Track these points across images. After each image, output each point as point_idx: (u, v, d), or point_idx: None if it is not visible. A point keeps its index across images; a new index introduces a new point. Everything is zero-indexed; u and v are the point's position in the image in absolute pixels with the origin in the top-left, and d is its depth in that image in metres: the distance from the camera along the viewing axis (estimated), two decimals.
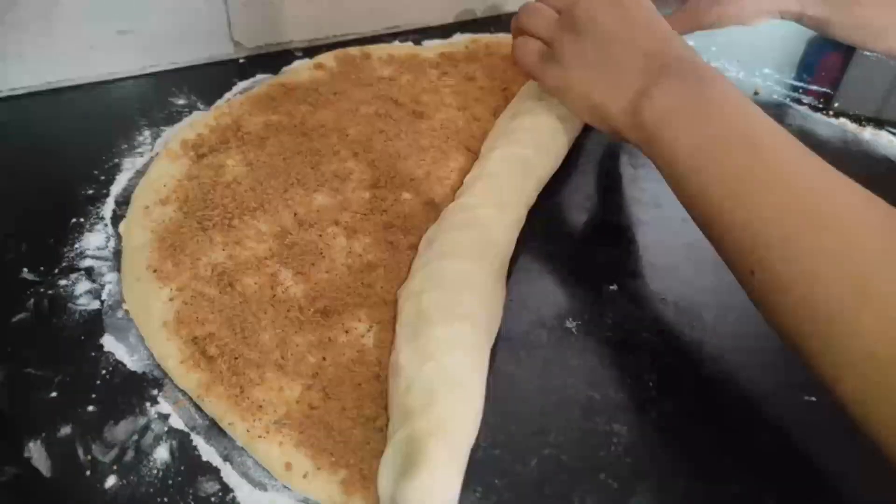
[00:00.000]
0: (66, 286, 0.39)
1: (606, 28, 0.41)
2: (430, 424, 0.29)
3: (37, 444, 0.31)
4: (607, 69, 0.41)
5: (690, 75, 0.38)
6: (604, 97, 0.41)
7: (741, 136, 0.34)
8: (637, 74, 0.39)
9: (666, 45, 0.40)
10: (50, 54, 0.54)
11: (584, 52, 0.42)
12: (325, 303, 0.38)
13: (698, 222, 0.36)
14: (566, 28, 0.43)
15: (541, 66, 0.45)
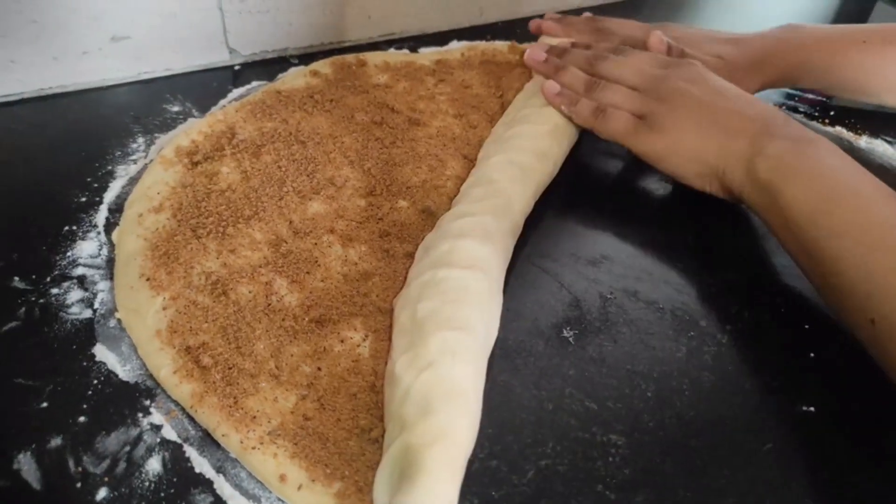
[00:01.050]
0: (58, 295, 0.39)
1: (703, 98, 0.46)
2: (427, 435, 0.29)
3: (26, 455, 0.31)
4: (714, 134, 0.44)
5: (797, 135, 0.42)
6: (717, 160, 0.44)
7: (852, 190, 0.38)
8: (746, 137, 0.43)
9: (762, 110, 0.45)
10: (43, 61, 0.53)
11: (684, 120, 0.45)
12: (319, 312, 0.38)
13: (813, 273, 0.40)
14: (657, 99, 0.47)
15: (634, 134, 0.47)
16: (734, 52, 0.55)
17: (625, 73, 0.50)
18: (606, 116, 0.48)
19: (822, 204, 0.38)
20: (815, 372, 0.39)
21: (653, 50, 0.52)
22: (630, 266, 0.44)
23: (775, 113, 0.45)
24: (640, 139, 0.47)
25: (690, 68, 0.49)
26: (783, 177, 0.40)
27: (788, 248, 0.41)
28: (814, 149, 0.41)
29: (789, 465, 0.34)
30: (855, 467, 0.34)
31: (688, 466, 0.33)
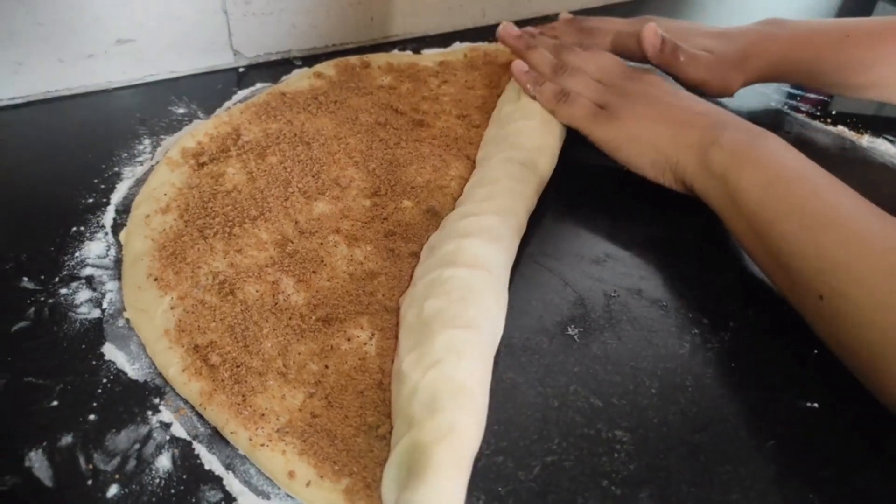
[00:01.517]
0: (67, 295, 0.39)
1: (661, 97, 0.48)
2: (435, 432, 0.29)
3: (38, 453, 0.31)
4: (669, 126, 0.46)
5: (749, 128, 0.44)
6: (671, 150, 0.46)
7: (801, 175, 0.40)
8: (700, 131, 0.45)
9: (716, 109, 0.47)
10: (49, 63, 0.54)
11: (641, 112, 0.48)
12: (326, 311, 0.38)
13: (763, 255, 0.41)
14: (617, 94, 0.50)
15: (593, 121, 0.49)
16: (721, 46, 0.55)
17: (586, 65, 0.52)
18: (569, 101, 0.50)
19: (772, 188, 0.40)
20: (818, 368, 0.39)
21: (647, 42, 0.53)
22: (633, 264, 0.45)
23: (726, 112, 0.47)
24: (598, 126, 0.48)
25: (650, 74, 0.51)
26: (736, 164, 0.42)
27: (738, 234, 0.43)
28: (765, 140, 0.43)
29: (792, 461, 0.34)
30: (858, 463, 0.34)
31: (692, 462, 0.33)
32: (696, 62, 0.53)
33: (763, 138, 0.43)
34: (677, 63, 0.53)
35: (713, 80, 0.54)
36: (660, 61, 0.53)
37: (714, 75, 0.54)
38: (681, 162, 0.45)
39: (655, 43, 0.53)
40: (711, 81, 0.54)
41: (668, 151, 0.46)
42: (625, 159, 0.48)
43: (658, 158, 0.46)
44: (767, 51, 0.56)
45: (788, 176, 0.40)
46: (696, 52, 0.53)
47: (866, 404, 0.36)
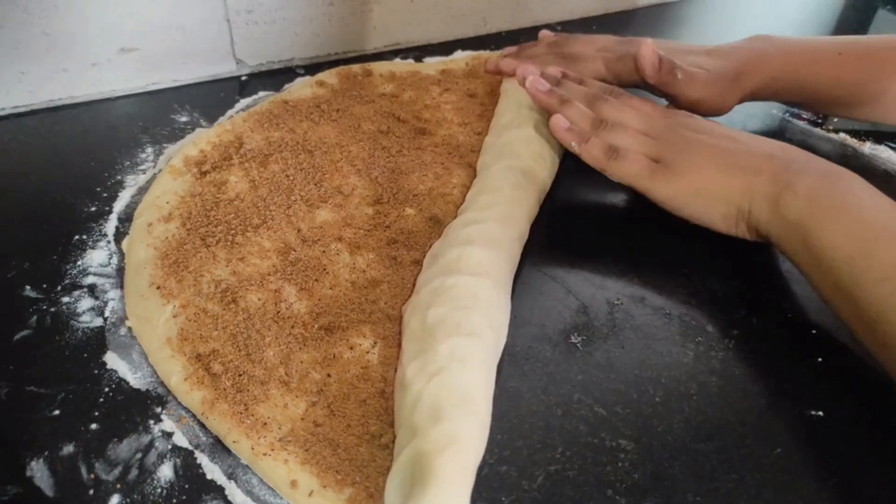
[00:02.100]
0: (69, 303, 0.39)
1: (717, 142, 0.45)
2: (438, 441, 0.29)
3: (39, 462, 0.31)
4: (735, 173, 0.43)
5: (823, 170, 0.41)
6: (742, 199, 0.42)
7: (891, 230, 0.37)
8: (770, 175, 0.41)
9: (780, 146, 0.44)
10: (52, 72, 0.54)
11: (702, 161, 0.44)
12: (328, 319, 0.38)
13: (855, 322, 0.37)
14: (669, 144, 0.45)
15: (652, 177, 0.44)
16: (715, 64, 0.53)
17: (626, 116, 0.48)
18: (620, 157, 0.45)
19: (860, 245, 0.36)
20: (823, 376, 0.39)
21: (646, 61, 0.50)
22: (636, 272, 0.45)
23: (794, 148, 0.44)
24: (658, 183, 0.44)
25: (696, 119, 0.48)
26: (814, 215, 0.38)
27: (824, 294, 0.39)
28: (844, 183, 0.39)
29: (797, 469, 0.34)
30: (863, 471, 0.34)
31: (696, 471, 0.33)
32: (693, 80, 0.51)
33: (842, 180, 0.40)
34: (675, 82, 0.51)
35: (709, 97, 0.52)
36: (658, 81, 0.51)
37: (710, 93, 0.52)
38: (754, 212, 0.42)
39: (654, 62, 0.50)
40: (708, 99, 0.52)
41: (738, 202, 0.42)
42: (692, 215, 0.44)
43: (729, 210, 0.43)
44: (761, 68, 0.54)
45: (881, 230, 0.37)
46: (693, 70, 0.51)
47: (871, 412, 0.36)
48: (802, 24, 0.88)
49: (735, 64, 0.53)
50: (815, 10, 0.93)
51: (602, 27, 0.79)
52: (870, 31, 0.87)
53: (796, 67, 0.54)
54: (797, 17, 0.90)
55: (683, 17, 0.86)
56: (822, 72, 0.54)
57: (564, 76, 0.52)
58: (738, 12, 0.89)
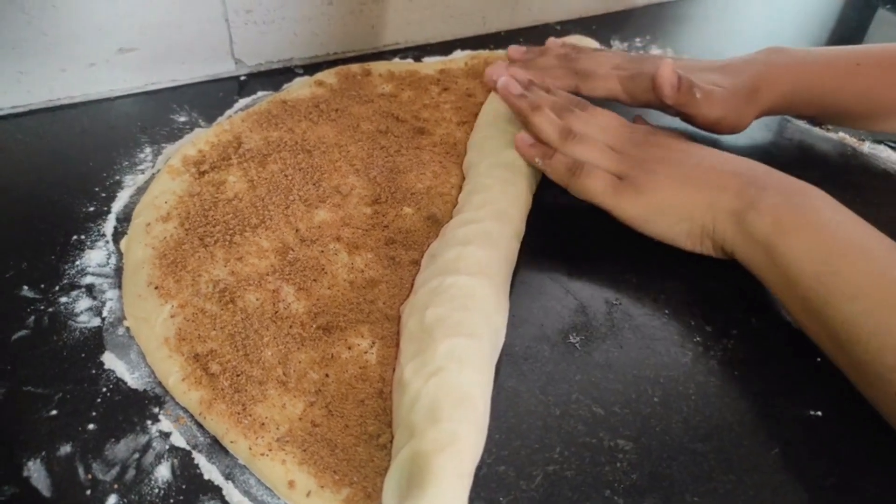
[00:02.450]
0: (67, 303, 0.39)
1: (683, 159, 0.44)
2: (436, 442, 0.29)
3: (36, 462, 0.31)
4: (699, 190, 0.42)
5: (787, 186, 0.41)
6: (706, 216, 0.42)
7: (858, 246, 0.36)
8: (734, 193, 0.41)
9: (744, 165, 0.43)
10: (51, 72, 0.54)
11: (665, 179, 0.43)
12: (327, 319, 0.38)
13: (825, 340, 0.37)
14: (635, 160, 0.45)
15: (615, 194, 0.43)
16: (730, 80, 0.51)
17: (592, 129, 0.47)
18: (583, 173, 0.44)
19: (827, 262, 0.36)
20: (822, 376, 0.39)
21: (665, 80, 0.48)
22: (635, 272, 0.45)
23: (759, 165, 0.43)
24: (621, 200, 0.43)
25: (664, 135, 0.47)
26: (779, 232, 0.38)
27: (793, 311, 0.39)
28: (809, 200, 0.39)
29: (796, 469, 0.34)
30: (862, 471, 0.34)
31: (695, 471, 0.33)
32: (712, 98, 0.49)
33: (807, 197, 0.39)
34: (693, 101, 0.49)
35: (727, 115, 0.50)
36: (676, 101, 0.49)
37: (728, 111, 0.50)
38: (718, 229, 0.41)
39: (674, 83, 0.49)
40: (726, 118, 0.50)
41: (703, 219, 0.42)
42: (656, 233, 0.43)
43: (693, 228, 0.42)
44: (777, 81, 0.52)
45: (847, 248, 0.36)
46: (710, 88, 0.50)
47: (870, 412, 0.36)
48: (802, 24, 0.88)
49: (750, 80, 0.51)
50: (815, 10, 0.93)
51: (601, 26, 0.79)
52: (869, 31, 0.86)
53: (813, 80, 0.53)
54: (796, 17, 0.90)
55: (683, 16, 0.86)
56: (840, 84, 0.53)
57: (531, 83, 0.52)
58: (737, 12, 0.89)
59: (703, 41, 0.79)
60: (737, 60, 0.54)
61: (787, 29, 0.86)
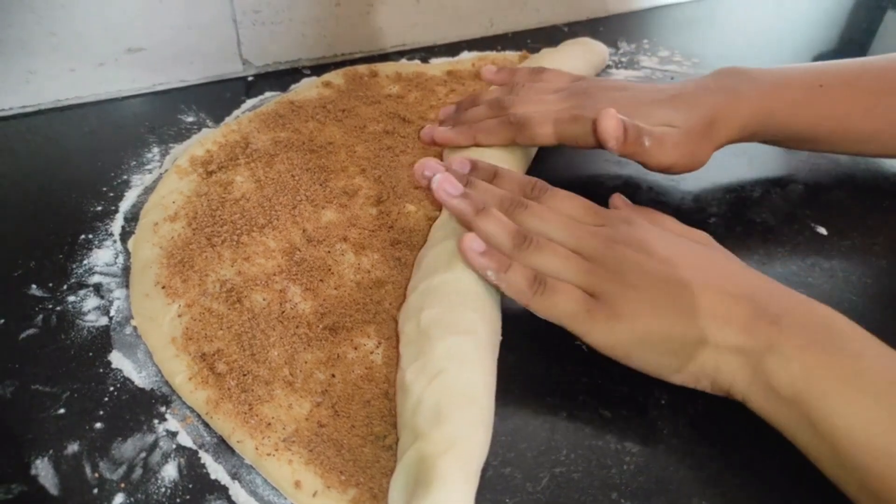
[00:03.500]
0: (75, 302, 0.39)
1: (663, 271, 0.35)
2: (441, 443, 0.29)
3: (44, 461, 0.31)
4: (696, 320, 0.34)
5: (808, 317, 0.33)
6: (703, 354, 0.34)
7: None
8: (740, 326, 0.33)
9: (751, 281, 0.36)
10: (59, 72, 0.54)
11: (646, 302, 0.34)
12: (333, 319, 0.38)
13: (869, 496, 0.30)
14: (605, 271, 0.36)
15: (588, 319, 0.35)
16: (683, 116, 0.45)
17: (552, 227, 0.39)
18: (549, 290, 0.36)
19: (875, 425, 0.29)
20: None
21: (608, 134, 0.42)
22: None
23: (763, 278, 0.36)
24: (595, 326, 0.35)
25: (631, 228, 0.38)
26: (815, 387, 0.31)
27: (838, 482, 0.31)
28: (838, 335, 0.32)
29: (804, 472, 0.34)
30: None
31: (702, 474, 0.33)
32: (662, 144, 0.44)
33: (833, 331, 0.32)
34: (642, 150, 0.44)
35: (681, 159, 0.45)
36: (623, 152, 0.44)
37: (682, 153, 0.44)
38: (723, 370, 0.33)
39: (619, 135, 0.42)
40: (679, 161, 0.45)
41: (699, 357, 0.34)
42: (641, 367, 0.35)
43: (687, 366, 0.34)
44: (736, 112, 0.46)
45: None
46: (660, 133, 0.44)
47: None
48: (810, 26, 0.88)
49: (704, 112, 0.45)
50: (824, 12, 0.93)
51: (608, 28, 0.79)
52: (879, 33, 0.86)
53: (773, 106, 0.47)
54: (805, 19, 0.90)
55: (690, 18, 0.86)
56: (803, 109, 0.47)
57: (474, 168, 0.43)
58: (745, 14, 0.89)
59: (709, 43, 0.79)
60: (689, 89, 0.48)
61: (796, 31, 0.85)
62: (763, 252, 0.47)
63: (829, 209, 0.51)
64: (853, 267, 0.45)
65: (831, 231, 0.49)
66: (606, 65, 0.69)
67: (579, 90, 0.49)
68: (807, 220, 0.50)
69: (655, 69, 0.70)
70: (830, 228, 0.49)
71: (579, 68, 0.60)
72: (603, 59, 0.67)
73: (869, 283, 0.44)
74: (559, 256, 0.37)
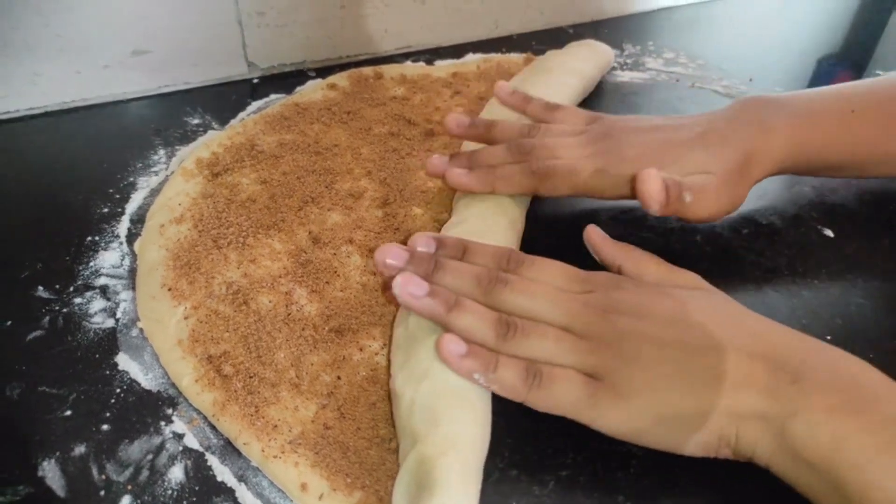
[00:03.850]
0: (81, 304, 0.39)
1: (666, 337, 0.32)
2: (439, 445, 0.29)
3: (51, 462, 0.31)
4: (712, 389, 0.31)
5: (835, 375, 0.30)
6: (723, 425, 0.30)
7: None
8: (760, 388, 0.30)
9: (764, 334, 0.32)
10: (66, 74, 0.55)
11: (656, 379, 0.31)
12: (339, 321, 0.38)
13: None
14: (603, 346, 0.32)
15: (593, 405, 0.31)
16: (718, 160, 0.42)
17: (538, 304, 0.34)
18: (545, 381, 0.32)
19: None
20: None
21: (651, 197, 0.39)
22: None
23: (779, 331, 0.33)
24: (602, 411, 0.31)
25: (621, 292, 0.35)
26: (847, 457, 0.27)
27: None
28: (873, 398, 0.29)
29: None
30: None
31: (708, 477, 0.33)
32: (703, 195, 0.41)
33: (863, 390, 0.29)
34: (683, 207, 0.41)
35: (723, 207, 0.42)
36: (663, 212, 0.40)
37: (724, 202, 0.42)
38: (743, 438, 0.30)
39: (661, 199, 0.39)
40: (721, 210, 0.42)
41: (718, 427, 0.30)
42: (655, 445, 0.32)
43: (705, 438, 0.31)
44: (770, 146, 0.43)
45: None
46: (700, 185, 0.41)
47: None
48: (816, 27, 0.87)
49: (739, 152, 0.42)
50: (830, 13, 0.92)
51: (613, 30, 0.79)
52: (885, 34, 0.86)
53: (806, 137, 0.44)
54: (811, 20, 0.89)
55: (695, 20, 0.86)
56: (837, 135, 0.45)
57: (440, 246, 0.38)
58: (750, 16, 0.89)
59: (714, 45, 0.79)
60: (718, 125, 0.44)
61: (801, 32, 0.85)
62: (770, 255, 0.46)
63: (836, 212, 0.51)
64: (860, 269, 0.45)
65: (838, 233, 0.48)
66: (612, 66, 0.69)
67: (601, 134, 0.45)
68: (814, 223, 0.50)
69: (661, 70, 0.70)
70: (837, 231, 0.49)
71: (586, 70, 0.60)
72: (608, 61, 0.67)
73: (875, 285, 0.44)
74: (550, 339, 0.33)
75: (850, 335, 0.40)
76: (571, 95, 0.57)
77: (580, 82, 0.59)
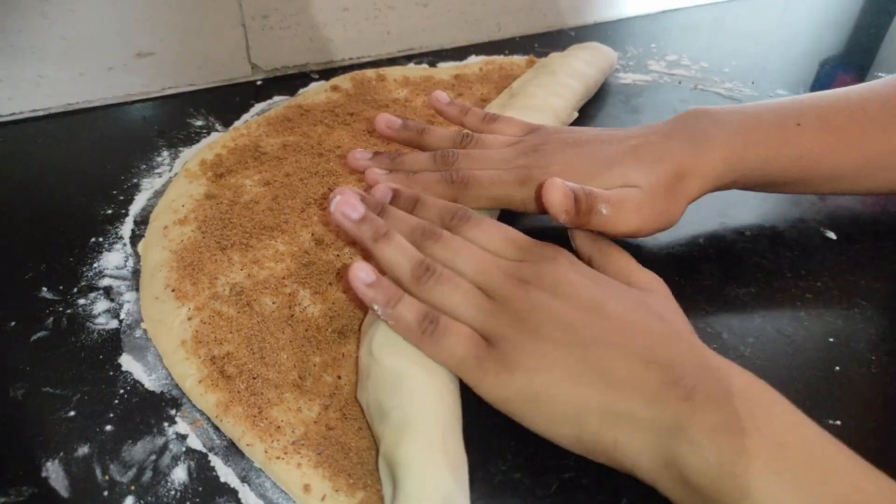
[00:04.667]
0: (85, 305, 0.39)
1: (573, 321, 0.31)
2: (392, 437, 0.29)
3: (54, 463, 0.31)
4: (591, 384, 0.29)
5: (728, 396, 0.28)
6: (602, 428, 0.29)
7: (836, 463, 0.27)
8: (649, 399, 0.28)
9: (673, 348, 0.30)
10: (70, 76, 0.55)
11: (546, 356, 0.30)
12: (342, 322, 0.38)
13: None
14: (509, 315, 0.32)
15: (477, 367, 0.31)
16: (646, 174, 0.40)
17: (462, 259, 0.35)
18: (438, 331, 0.32)
19: None
20: (841, 385, 0.38)
21: (555, 207, 0.36)
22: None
23: (680, 347, 0.30)
24: (485, 377, 0.31)
25: (552, 267, 0.34)
26: (728, 474, 0.25)
27: None
28: (761, 411, 0.27)
29: None
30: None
31: None
32: (622, 209, 0.38)
33: (756, 405, 0.28)
34: (600, 219, 0.38)
35: (647, 222, 0.39)
36: (578, 224, 0.38)
37: (648, 216, 0.39)
38: (621, 445, 0.29)
39: (568, 207, 0.36)
40: (646, 225, 0.40)
41: (597, 430, 0.29)
42: (533, 428, 0.31)
43: (582, 436, 0.30)
44: (704, 161, 0.41)
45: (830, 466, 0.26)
46: (619, 197, 0.39)
47: (889, 422, 0.35)
48: (818, 30, 0.87)
49: (669, 166, 0.40)
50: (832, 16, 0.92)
51: (615, 32, 0.79)
52: (887, 37, 0.86)
53: (747, 152, 0.41)
54: (812, 23, 0.89)
55: (697, 22, 0.86)
56: (777, 152, 0.42)
57: (396, 197, 0.40)
58: (751, 18, 0.89)
59: (717, 47, 0.79)
60: (650, 139, 0.42)
61: (803, 34, 0.85)
62: (772, 257, 0.46)
63: (839, 214, 0.51)
64: (862, 271, 0.45)
65: (840, 236, 0.48)
66: (615, 69, 0.69)
67: (530, 147, 0.43)
68: (816, 225, 0.50)
69: (663, 73, 0.70)
70: (840, 233, 0.49)
71: (589, 72, 0.60)
72: (611, 64, 0.67)
73: (878, 287, 0.44)
74: (460, 291, 0.33)
75: (852, 337, 0.41)
76: (574, 97, 0.57)
77: (583, 84, 0.59)
